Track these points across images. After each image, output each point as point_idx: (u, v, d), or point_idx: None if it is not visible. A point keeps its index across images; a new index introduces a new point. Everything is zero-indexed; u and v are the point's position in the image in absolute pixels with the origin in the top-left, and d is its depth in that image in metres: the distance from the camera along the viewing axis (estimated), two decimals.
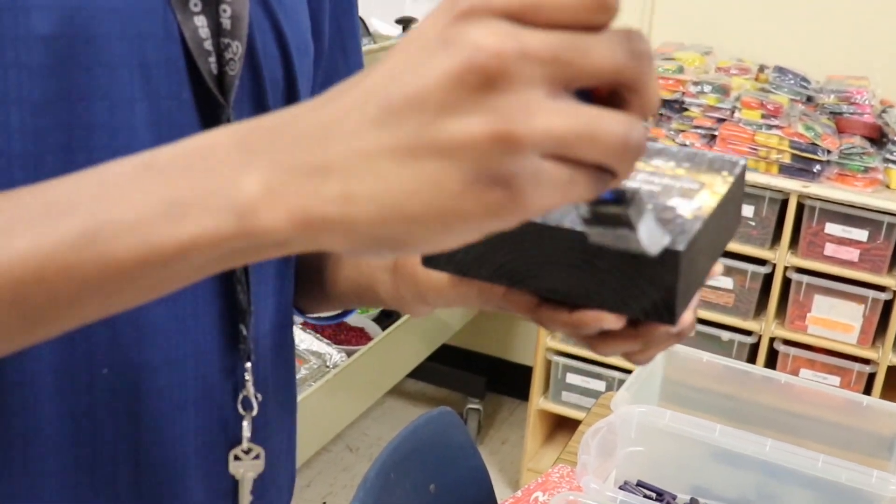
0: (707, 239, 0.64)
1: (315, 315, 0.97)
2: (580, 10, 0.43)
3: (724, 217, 0.68)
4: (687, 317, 0.68)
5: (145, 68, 0.69)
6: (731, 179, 0.69)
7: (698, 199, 0.66)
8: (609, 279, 0.62)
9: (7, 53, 0.64)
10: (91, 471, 0.75)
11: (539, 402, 2.99)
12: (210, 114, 0.73)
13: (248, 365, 0.79)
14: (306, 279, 0.92)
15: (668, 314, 0.61)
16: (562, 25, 0.43)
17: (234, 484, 0.82)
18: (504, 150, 0.42)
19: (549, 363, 2.97)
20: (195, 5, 0.71)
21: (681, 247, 0.59)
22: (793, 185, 2.54)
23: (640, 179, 0.68)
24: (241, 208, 0.46)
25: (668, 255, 0.59)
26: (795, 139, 2.54)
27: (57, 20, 0.65)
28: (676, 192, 0.67)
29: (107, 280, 0.51)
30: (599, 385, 2.92)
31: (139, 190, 0.49)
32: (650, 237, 0.53)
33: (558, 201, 0.45)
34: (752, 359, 2.71)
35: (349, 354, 2.62)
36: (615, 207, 0.51)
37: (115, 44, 0.67)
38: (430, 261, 0.69)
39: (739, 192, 0.72)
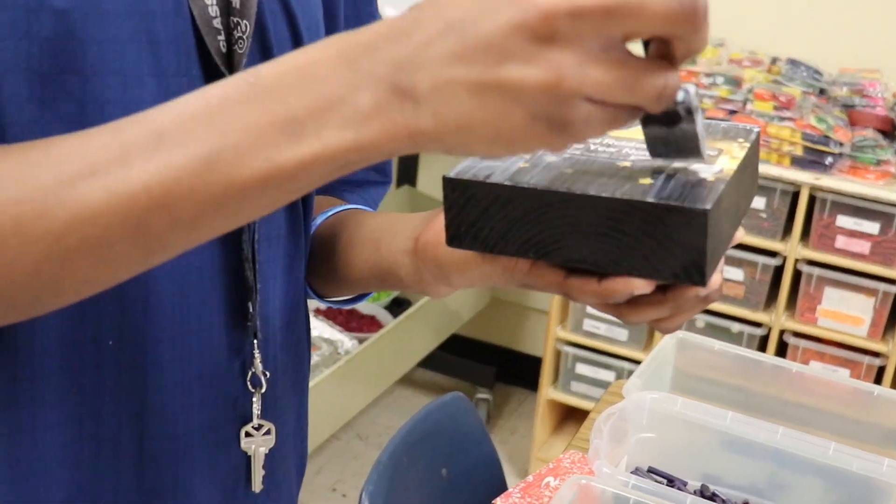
0: (729, 201, 0.65)
1: (334, 299, 0.98)
2: None
3: (743, 183, 0.69)
4: (715, 279, 0.68)
5: (154, 45, 0.70)
6: (746, 146, 0.71)
7: (719, 163, 0.67)
8: (637, 244, 0.62)
9: (19, 25, 0.64)
10: (95, 442, 0.76)
11: (548, 391, 3.00)
12: None
13: (255, 342, 0.80)
14: (322, 263, 0.93)
15: (699, 275, 0.62)
16: None
17: (246, 460, 0.83)
18: (555, 96, 0.49)
19: (558, 353, 2.98)
20: None
21: (708, 205, 0.60)
22: (805, 177, 2.54)
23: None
24: (357, 124, 0.52)
25: (696, 214, 0.60)
26: (808, 131, 2.54)
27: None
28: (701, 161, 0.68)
29: (230, 199, 0.55)
30: (609, 375, 2.93)
31: (251, 112, 0.53)
32: (703, 138, 0.60)
33: (601, 133, 0.52)
34: (761, 351, 2.71)
35: (360, 342, 2.63)
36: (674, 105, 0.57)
37: (125, 19, 0.68)
38: (455, 240, 0.69)
39: (755, 160, 0.74)
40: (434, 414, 1.73)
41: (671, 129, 0.59)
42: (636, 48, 0.52)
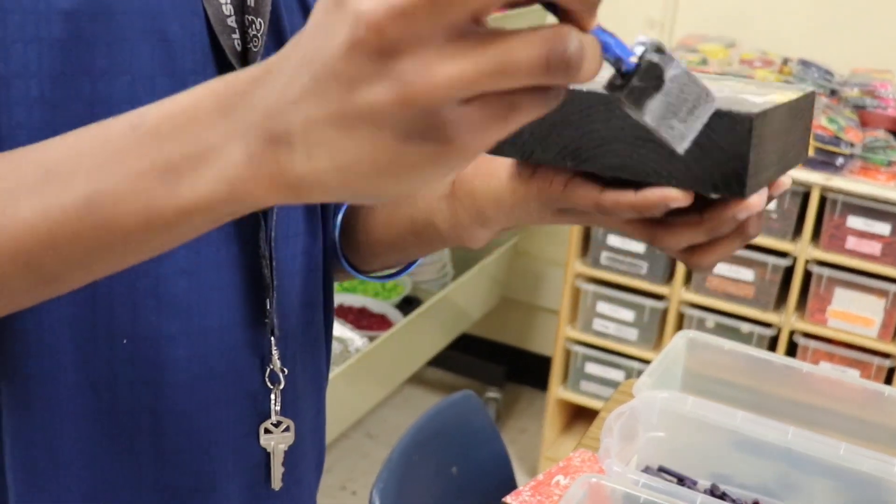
0: (777, 128, 0.64)
1: (375, 273, 0.97)
2: None
3: (793, 129, 0.68)
4: (755, 202, 0.65)
5: (167, 44, 0.70)
6: (799, 94, 0.70)
7: (769, 97, 0.66)
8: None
9: (27, 28, 0.64)
10: (111, 440, 0.76)
11: (558, 391, 3.00)
12: None
13: (273, 340, 0.80)
14: (356, 231, 0.92)
15: (738, 185, 0.60)
16: None
17: (266, 458, 0.83)
18: (414, 109, 0.43)
19: (568, 352, 2.98)
20: None
21: (755, 110, 0.59)
22: (815, 177, 2.54)
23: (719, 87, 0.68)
24: (231, 177, 0.49)
25: (742, 119, 0.59)
26: (819, 132, 2.54)
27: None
28: (748, 93, 0.67)
29: (116, 242, 0.54)
30: (618, 375, 2.93)
31: (131, 156, 0.52)
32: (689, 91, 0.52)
33: (504, 131, 0.45)
34: (771, 351, 2.71)
35: (371, 340, 2.64)
36: (638, 81, 0.49)
37: (136, 19, 0.68)
38: (495, 148, 0.68)
39: (807, 118, 0.72)
40: (444, 412, 1.74)
41: (658, 89, 0.50)
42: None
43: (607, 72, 0.50)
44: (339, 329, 2.65)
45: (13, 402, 0.73)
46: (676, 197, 0.63)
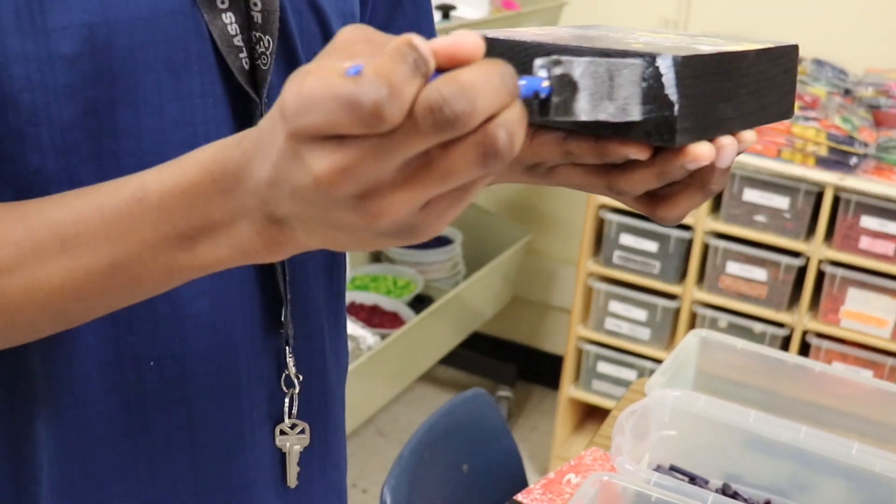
0: (726, 80, 0.63)
1: None
2: (362, 127, 0.47)
3: (764, 83, 0.67)
4: (703, 151, 0.64)
5: (174, 71, 0.69)
6: (768, 45, 0.69)
7: (725, 46, 0.66)
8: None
9: (33, 76, 0.64)
10: (149, 457, 0.77)
11: (569, 390, 3.00)
12: (243, 110, 0.74)
13: (288, 348, 0.81)
14: None
15: (668, 132, 0.60)
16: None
17: (281, 457, 0.85)
18: (384, 226, 0.51)
19: (580, 351, 2.98)
20: (222, 2, 0.71)
21: (680, 55, 0.59)
22: (829, 177, 2.53)
23: (667, 41, 0.67)
24: (242, 246, 0.57)
25: (666, 64, 0.59)
26: (832, 131, 2.53)
27: (78, 40, 0.65)
28: (704, 44, 0.66)
29: (139, 293, 0.62)
30: (630, 374, 2.93)
31: (144, 228, 0.58)
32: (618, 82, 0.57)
33: (461, 208, 0.52)
34: (784, 352, 2.70)
35: (383, 338, 2.64)
36: (556, 97, 0.55)
37: (139, 52, 0.68)
38: None
39: (786, 74, 0.71)
40: (456, 410, 1.74)
41: (575, 92, 0.56)
42: None
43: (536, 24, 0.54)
44: (351, 327, 2.65)
45: (51, 427, 0.74)
46: (632, 149, 0.65)
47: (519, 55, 0.64)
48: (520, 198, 3.41)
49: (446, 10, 2.66)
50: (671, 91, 0.60)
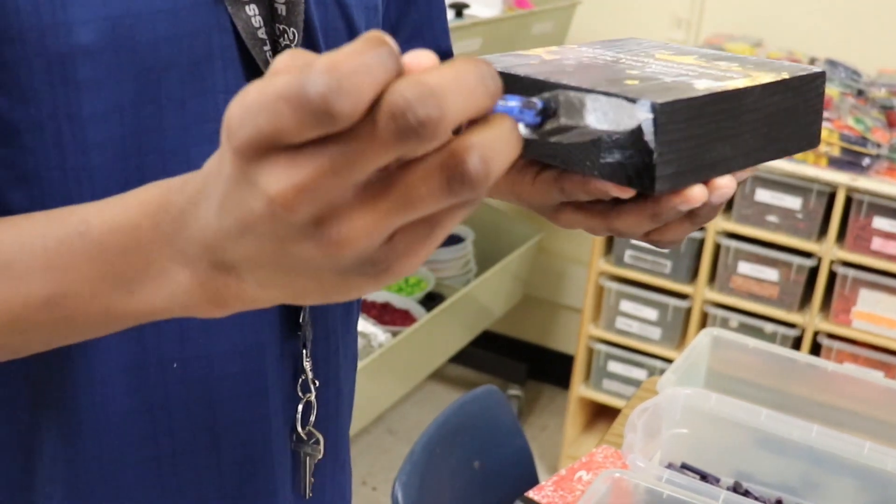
0: (724, 120, 0.61)
1: None
2: (311, 128, 0.41)
3: (771, 115, 0.64)
4: (694, 194, 0.62)
5: (196, 66, 0.68)
6: (785, 75, 0.65)
7: (728, 82, 0.62)
8: (598, 144, 0.60)
9: (54, 70, 0.64)
10: (173, 460, 0.76)
11: (580, 389, 3.00)
12: None
13: (305, 352, 0.80)
14: None
15: (648, 180, 0.58)
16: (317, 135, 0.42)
17: (296, 463, 0.84)
18: (345, 258, 0.44)
19: (590, 351, 2.98)
20: None
21: (658, 101, 0.56)
22: (841, 177, 2.53)
23: (673, 70, 0.65)
24: (181, 299, 0.51)
25: (644, 110, 0.56)
26: (845, 132, 2.53)
27: (99, 33, 0.64)
28: (709, 77, 0.63)
29: (76, 332, 0.58)
30: (641, 373, 2.93)
31: (84, 265, 0.54)
32: (607, 117, 0.50)
33: (433, 247, 0.46)
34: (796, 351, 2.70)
35: (394, 335, 2.64)
36: (550, 123, 0.48)
37: (162, 46, 0.66)
38: None
39: (808, 103, 0.66)
40: (467, 406, 1.74)
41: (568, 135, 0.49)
42: None
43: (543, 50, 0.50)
44: (362, 324, 2.66)
45: (66, 432, 0.73)
46: (615, 188, 0.63)
47: (512, 89, 0.61)
48: None
49: (459, 9, 2.66)
50: (650, 138, 0.57)
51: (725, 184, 0.63)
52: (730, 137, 0.62)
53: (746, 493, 1.48)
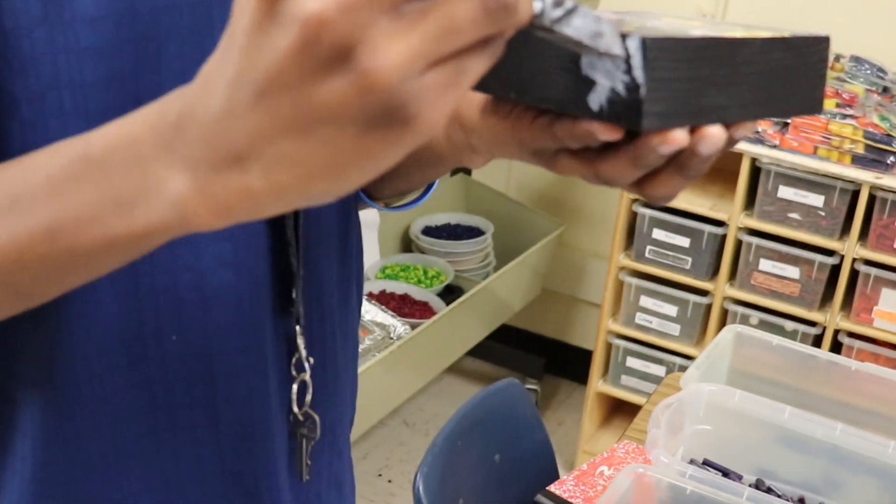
0: (719, 67, 0.61)
1: (391, 204, 0.94)
2: None
3: (771, 71, 0.64)
4: (676, 134, 0.61)
5: (196, 35, 0.68)
6: (786, 35, 0.65)
7: (722, 31, 0.63)
8: (588, 80, 0.60)
9: (56, 38, 0.63)
10: (172, 434, 0.76)
11: (598, 384, 3.00)
12: None
13: (298, 328, 0.80)
14: None
15: (635, 114, 0.58)
16: None
17: (293, 445, 0.83)
18: (376, 95, 0.43)
19: (609, 346, 2.97)
20: None
21: (649, 37, 0.57)
22: (865, 175, 2.51)
23: (674, 26, 0.65)
24: (179, 208, 0.50)
25: (634, 45, 0.57)
26: (870, 129, 2.51)
27: (101, 2, 0.64)
28: (706, 29, 0.64)
29: (81, 262, 0.57)
30: (659, 370, 2.92)
31: (84, 187, 0.53)
32: (599, 39, 0.54)
33: (458, 95, 0.46)
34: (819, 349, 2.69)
35: (413, 328, 2.64)
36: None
37: (162, 16, 0.66)
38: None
39: (810, 66, 0.67)
40: (488, 400, 1.74)
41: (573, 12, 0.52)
42: None
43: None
44: (381, 316, 2.66)
45: (51, 409, 0.72)
46: (598, 128, 0.62)
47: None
48: (551, 190, 3.40)
49: None
50: (638, 73, 0.57)
51: (715, 133, 0.62)
52: (724, 86, 0.62)
53: (769, 491, 1.47)
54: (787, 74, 0.66)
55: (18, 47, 0.63)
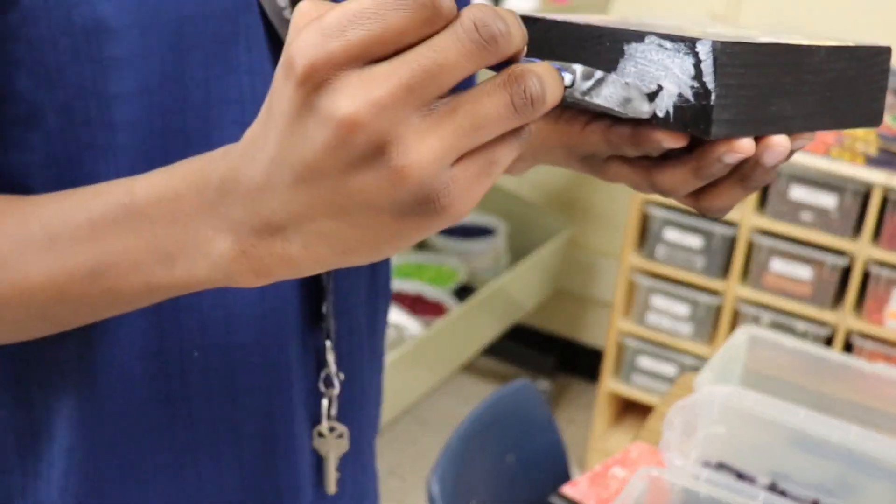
0: (785, 74, 0.60)
1: None
2: (416, 25, 0.44)
3: (833, 81, 0.63)
4: (742, 143, 0.60)
5: (221, 46, 0.67)
6: (850, 44, 0.64)
7: (788, 38, 0.62)
8: (655, 90, 0.60)
9: (80, 48, 0.63)
10: (193, 450, 0.75)
11: (609, 383, 3.00)
12: None
13: (328, 343, 0.79)
14: None
15: (704, 122, 0.58)
16: (404, 45, 0.45)
17: (317, 461, 0.83)
18: (409, 188, 0.46)
19: (620, 346, 2.97)
20: None
21: (720, 41, 0.56)
22: (878, 176, 2.51)
23: (733, 31, 0.65)
24: (222, 267, 0.52)
25: (705, 50, 0.57)
26: (883, 131, 2.51)
27: (125, 11, 0.63)
28: (772, 36, 0.63)
29: (121, 302, 0.59)
30: (671, 369, 2.92)
31: (128, 236, 0.55)
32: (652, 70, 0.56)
33: (489, 184, 0.48)
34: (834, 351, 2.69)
35: (426, 327, 2.65)
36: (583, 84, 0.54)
37: (187, 25, 0.66)
38: None
39: (871, 78, 0.66)
40: (502, 400, 1.74)
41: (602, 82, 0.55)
42: None
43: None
44: (395, 315, 2.66)
45: (76, 419, 0.72)
46: (664, 136, 0.62)
47: (570, 37, 0.63)
48: (563, 190, 3.41)
49: (496, 2, 2.66)
50: (709, 79, 0.57)
51: (780, 142, 0.61)
52: (790, 95, 0.62)
53: (783, 494, 1.47)
54: (848, 85, 0.65)
55: (43, 57, 0.63)
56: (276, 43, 0.70)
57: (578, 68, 0.54)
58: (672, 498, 1.29)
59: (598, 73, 0.54)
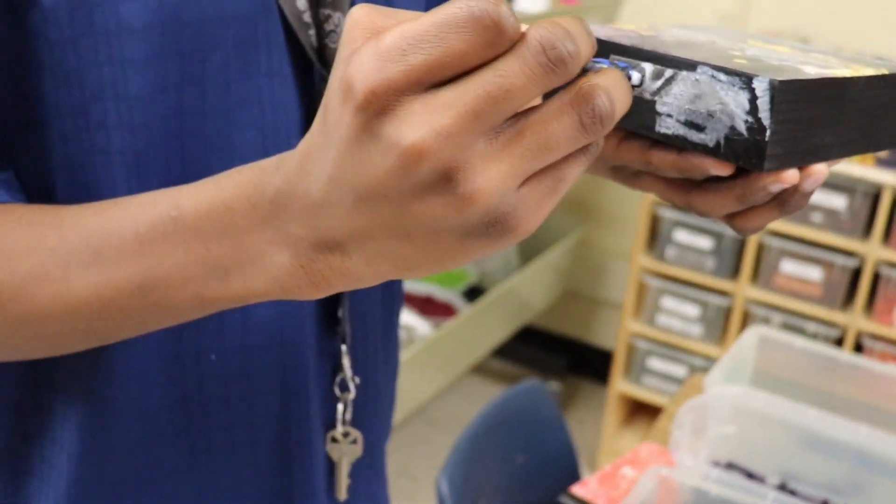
0: (829, 107, 0.61)
1: None
2: (479, 48, 0.43)
3: (870, 108, 0.65)
4: (790, 175, 0.61)
5: (241, 47, 0.67)
6: (884, 71, 0.65)
7: (833, 70, 0.62)
8: (707, 117, 0.60)
9: (100, 49, 0.62)
10: (209, 453, 0.75)
11: (619, 384, 3.00)
12: (311, 90, 0.71)
13: (344, 348, 0.79)
14: None
15: (758, 157, 0.58)
16: (469, 67, 0.43)
17: (330, 466, 0.83)
18: (476, 213, 0.45)
19: (630, 347, 2.97)
20: None
21: (777, 79, 0.56)
22: (888, 177, 2.51)
23: (774, 55, 0.65)
24: (280, 280, 0.51)
25: (762, 87, 0.57)
26: None
27: (146, 11, 0.63)
28: (814, 65, 0.64)
29: (168, 316, 0.57)
30: (681, 370, 2.92)
31: (177, 250, 0.54)
32: (712, 95, 0.55)
33: (556, 201, 0.47)
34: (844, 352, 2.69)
35: (435, 328, 2.65)
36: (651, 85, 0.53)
37: (208, 27, 0.65)
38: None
39: None
40: (512, 401, 1.75)
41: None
42: None
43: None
44: (405, 316, 2.67)
45: (87, 424, 0.71)
46: (712, 165, 0.61)
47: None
48: (574, 191, 3.41)
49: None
50: (765, 115, 0.57)
51: (820, 170, 0.62)
52: (832, 125, 0.62)
53: (793, 494, 1.47)
54: (883, 110, 0.66)
55: (63, 58, 0.62)
56: (295, 45, 0.70)
57: (648, 67, 0.53)
58: (682, 498, 1.30)
59: (669, 72, 0.54)
